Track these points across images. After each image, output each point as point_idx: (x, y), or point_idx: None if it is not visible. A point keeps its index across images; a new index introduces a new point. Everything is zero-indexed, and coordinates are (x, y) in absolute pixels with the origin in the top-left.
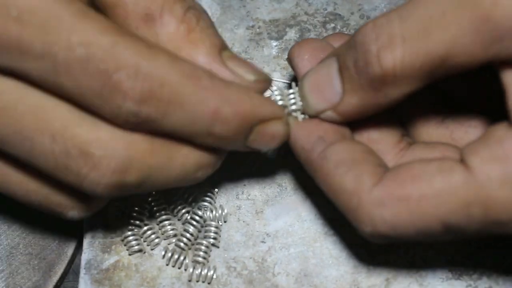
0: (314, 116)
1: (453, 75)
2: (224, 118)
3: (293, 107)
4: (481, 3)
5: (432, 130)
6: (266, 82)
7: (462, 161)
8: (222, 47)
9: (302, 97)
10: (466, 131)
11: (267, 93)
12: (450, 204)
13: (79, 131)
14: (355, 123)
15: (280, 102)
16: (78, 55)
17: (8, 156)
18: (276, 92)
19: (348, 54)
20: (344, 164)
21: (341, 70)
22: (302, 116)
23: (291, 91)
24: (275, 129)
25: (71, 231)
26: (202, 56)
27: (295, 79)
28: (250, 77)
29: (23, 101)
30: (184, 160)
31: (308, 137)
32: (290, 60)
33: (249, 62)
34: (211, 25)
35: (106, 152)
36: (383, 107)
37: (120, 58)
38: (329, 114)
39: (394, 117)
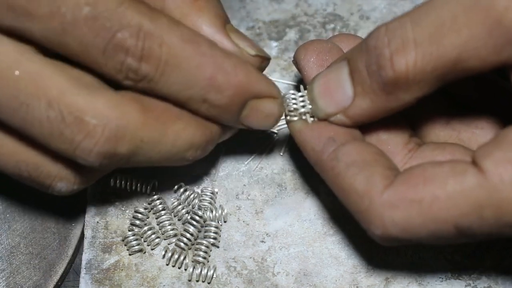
0: (324, 119)
1: (464, 78)
2: (218, 86)
3: (302, 110)
4: (494, 7)
5: (439, 131)
6: (265, 59)
7: (475, 163)
8: (226, 20)
9: (312, 101)
10: (473, 132)
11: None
12: (463, 207)
13: (75, 99)
14: (364, 125)
15: (294, 106)
16: (84, 14)
17: (0, 125)
18: (289, 95)
19: (359, 57)
20: (355, 165)
21: (352, 73)
22: (312, 119)
23: (299, 94)
24: (269, 107)
25: (72, 231)
26: (206, 24)
27: (298, 81)
28: (250, 51)
29: (22, 66)
30: (176, 137)
31: (319, 138)
32: (296, 62)
33: (250, 39)
34: None
35: (100, 120)
36: (394, 110)
37: (124, 17)
38: (339, 117)
39: (402, 118)
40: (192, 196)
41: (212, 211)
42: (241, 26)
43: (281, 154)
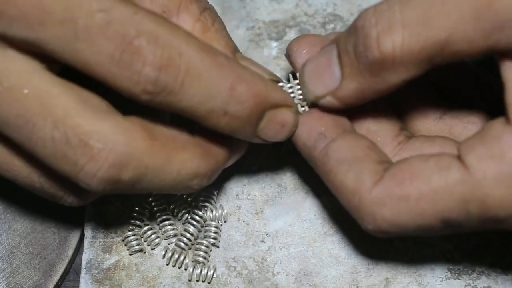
0: (314, 104)
1: (452, 62)
2: (239, 96)
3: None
4: None
5: (431, 126)
6: (279, 82)
7: (459, 158)
8: (235, 50)
9: (302, 84)
10: (464, 126)
11: None
12: (448, 202)
13: (81, 121)
14: (355, 115)
15: None
16: (98, 20)
17: (11, 141)
18: (280, 86)
19: (348, 39)
20: (345, 162)
21: (341, 55)
22: (303, 109)
23: (288, 85)
24: (286, 117)
25: (72, 231)
26: None
27: (293, 74)
28: (264, 75)
29: (30, 84)
30: (182, 166)
31: (310, 134)
32: (288, 54)
33: (262, 66)
34: (225, 28)
35: (105, 145)
36: (381, 92)
37: (141, 24)
38: (328, 99)
39: (393, 111)
40: (192, 196)
41: (212, 211)
42: (241, 26)
43: (281, 154)
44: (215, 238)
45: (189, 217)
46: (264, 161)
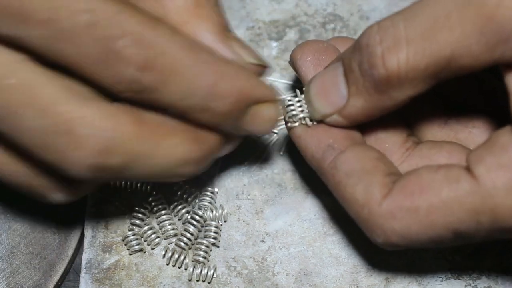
0: (320, 121)
1: (458, 76)
2: (221, 93)
3: (301, 115)
4: (485, 4)
5: (436, 132)
6: (265, 67)
7: (468, 168)
8: (226, 27)
9: (308, 102)
10: (470, 131)
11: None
12: (458, 213)
13: (67, 108)
14: (363, 124)
15: (293, 112)
16: (83, 21)
17: None
18: (287, 101)
19: (353, 56)
20: (354, 174)
21: (346, 73)
22: (311, 122)
23: (296, 99)
24: (270, 112)
25: (72, 231)
26: (207, 32)
27: (297, 81)
28: (250, 59)
29: (15, 74)
30: (170, 151)
31: (318, 145)
32: (292, 62)
33: (250, 47)
34: (218, 4)
35: (92, 131)
36: (388, 109)
37: (125, 25)
38: (335, 118)
39: (400, 118)
40: (192, 195)
41: (212, 211)
42: (241, 26)
43: (281, 154)
44: (215, 238)
45: (189, 217)
46: (264, 161)
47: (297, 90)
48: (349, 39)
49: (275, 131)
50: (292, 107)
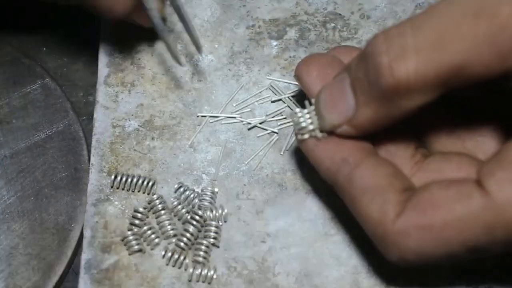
0: (330, 132)
1: (467, 85)
2: None
3: (311, 127)
4: (497, 14)
5: (444, 140)
6: None
7: (479, 183)
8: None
9: (317, 113)
10: (477, 140)
11: (291, 114)
12: (473, 229)
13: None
14: (372, 136)
15: (303, 124)
16: None
17: None
18: (297, 114)
19: (359, 66)
20: (369, 190)
21: (353, 83)
22: (321, 134)
23: (305, 111)
24: None
25: (71, 232)
26: None
27: (309, 100)
28: None
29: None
30: None
31: (333, 159)
32: (298, 78)
33: None
34: None
35: None
36: (397, 119)
37: None
38: (345, 128)
39: (408, 129)
40: (192, 195)
41: (212, 211)
42: (241, 25)
43: (282, 154)
44: (215, 238)
45: (189, 217)
46: (264, 161)
47: (306, 102)
48: (352, 48)
49: (275, 130)
50: (301, 119)
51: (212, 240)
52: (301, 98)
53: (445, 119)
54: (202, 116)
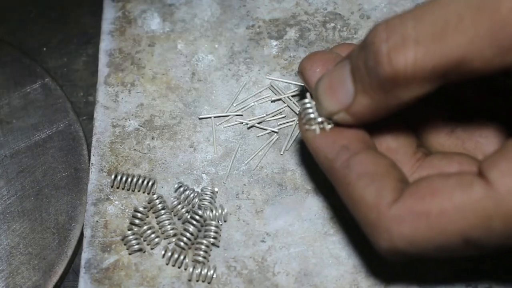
0: (328, 117)
1: (467, 79)
2: None
3: (319, 119)
4: (499, 9)
5: (443, 141)
6: None
7: (481, 174)
8: None
9: (316, 99)
10: (477, 141)
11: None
12: (470, 218)
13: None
14: (374, 131)
15: (311, 115)
16: None
17: None
18: (305, 105)
19: (359, 54)
20: (366, 176)
21: (353, 70)
22: (329, 126)
23: (307, 101)
24: None
25: (71, 231)
26: None
27: (305, 90)
28: None
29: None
30: None
31: (332, 146)
32: (301, 73)
33: None
34: None
35: None
36: (394, 109)
37: None
38: (342, 115)
39: (409, 128)
40: (192, 195)
41: (212, 211)
42: (241, 25)
43: (281, 153)
44: (215, 238)
45: (189, 217)
46: (264, 161)
47: (308, 94)
48: (353, 45)
49: (275, 130)
50: (310, 110)
51: (212, 240)
52: (301, 98)
53: (445, 120)
54: (204, 118)
